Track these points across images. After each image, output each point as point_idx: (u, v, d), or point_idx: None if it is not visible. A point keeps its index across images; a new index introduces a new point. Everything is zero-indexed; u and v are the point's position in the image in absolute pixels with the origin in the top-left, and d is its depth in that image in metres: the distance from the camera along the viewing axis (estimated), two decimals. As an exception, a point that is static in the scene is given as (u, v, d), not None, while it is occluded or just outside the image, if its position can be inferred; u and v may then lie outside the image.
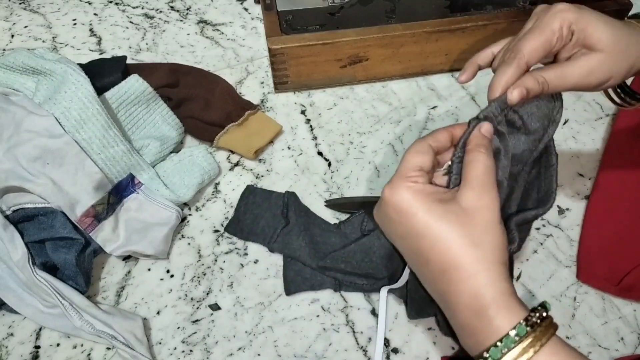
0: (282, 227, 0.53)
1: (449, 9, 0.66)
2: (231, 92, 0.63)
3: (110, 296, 0.51)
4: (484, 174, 0.36)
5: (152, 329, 0.49)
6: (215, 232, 0.55)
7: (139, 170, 0.54)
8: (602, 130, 0.64)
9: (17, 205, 0.49)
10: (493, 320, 0.32)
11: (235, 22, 0.74)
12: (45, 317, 0.48)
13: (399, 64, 0.66)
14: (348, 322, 0.50)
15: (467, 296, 0.33)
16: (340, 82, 0.67)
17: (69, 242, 0.49)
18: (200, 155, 0.57)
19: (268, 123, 0.62)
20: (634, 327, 0.50)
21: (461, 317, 0.34)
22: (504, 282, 0.33)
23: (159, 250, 0.52)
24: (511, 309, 0.32)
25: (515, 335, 0.31)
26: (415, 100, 0.66)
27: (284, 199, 0.56)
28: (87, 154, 0.50)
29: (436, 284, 0.35)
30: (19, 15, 0.74)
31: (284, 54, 0.62)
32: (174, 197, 0.54)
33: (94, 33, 0.72)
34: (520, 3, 0.67)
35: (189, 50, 0.70)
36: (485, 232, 0.34)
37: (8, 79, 0.53)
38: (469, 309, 0.33)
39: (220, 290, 0.52)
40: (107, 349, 0.48)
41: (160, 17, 0.74)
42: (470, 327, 0.33)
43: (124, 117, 0.56)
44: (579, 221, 0.57)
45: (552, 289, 0.52)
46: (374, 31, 0.62)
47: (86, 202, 0.49)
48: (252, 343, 0.49)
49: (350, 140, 0.62)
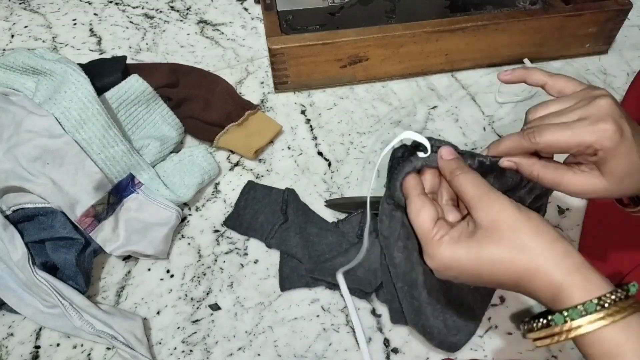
0: (281, 224, 0.53)
1: (449, 9, 0.66)
2: (231, 92, 0.63)
3: (110, 296, 0.51)
4: (475, 189, 0.36)
5: (152, 329, 0.49)
6: (215, 232, 0.55)
7: (139, 170, 0.54)
8: (602, 130, 0.64)
9: (17, 205, 0.49)
10: (569, 301, 0.33)
11: (235, 22, 0.74)
12: (45, 317, 0.48)
13: (399, 64, 0.66)
14: (348, 322, 0.50)
15: (543, 291, 0.34)
16: (340, 82, 0.67)
17: (69, 242, 0.49)
18: (200, 155, 0.57)
19: (268, 123, 0.62)
20: (634, 327, 0.50)
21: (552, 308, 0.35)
22: (565, 259, 0.34)
23: (159, 250, 0.52)
24: (585, 283, 0.33)
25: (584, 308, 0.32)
26: (415, 100, 0.66)
27: (284, 196, 0.56)
28: (87, 154, 0.50)
29: (524, 293, 0.36)
30: (19, 15, 0.74)
31: (284, 54, 0.62)
32: (174, 197, 0.54)
33: (94, 33, 0.72)
34: (520, 3, 0.67)
35: (189, 50, 0.70)
36: (515, 232, 0.35)
37: (8, 79, 0.53)
38: (550, 301, 0.34)
39: (220, 290, 0.52)
40: (107, 349, 0.48)
41: (160, 17, 0.74)
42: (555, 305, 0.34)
43: (124, 117, 0.56)
44: (579, 221, 0.57)
45: (552, 289, 0.52)
46: (374, 31, 0.62)
47: (86, 202, 0.49)
48: (252, 343, 0.49)
49: (350, 140, 0.62)
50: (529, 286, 0.35)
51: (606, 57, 0.71)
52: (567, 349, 0.49)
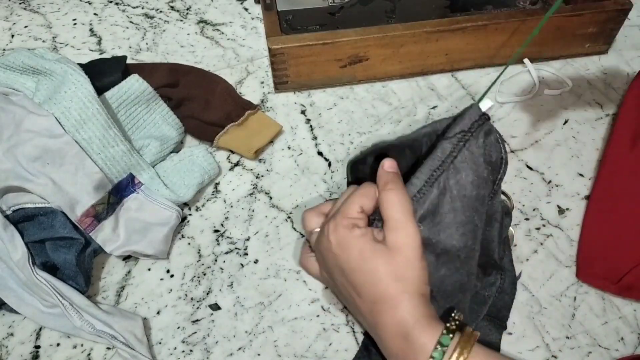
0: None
1: (449, 9, 0.66)
2: (231, 92, 0.63)
3: (110, 296, 0.51)
4: (398, 212, 0.39)
5: (152, 329, 0.49)
6: (215, 232, 0.55)
7: (139, 170, 0.54)
8: (602, 130, 0.64)
9: (17, 205, 0.49)
10: (418, 340, 0.35)
11: (235, 22, 0.74)
12: (45, 317, 0.48)
13: (399, 64, 0.66)
14: (348, 322, 0.50)
15: (395, 324, 0.36)
16: (340, 82, 0.67)
17: (69, 242, 0.49)
18: (200, 155, 0.57)
19: (268, 123, 0.62)
20: (634, 327, 0.50)
21: (391, 345, 0.37)
22: (425, 309, 0.37)
23: (159, 250, 0.52)
24: (432, 326, 0.36)
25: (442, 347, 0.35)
26: (415, 100, 0.66)
27: None
28: (87, 154, 0.50)
29: (368, 316, 0.39)
30: (19, 15, 0.74)
31: (284, 54, 0.62)
32: (174, 197, 0.54)
33: (94, 33, 0.72)
34: (520, 3, 0.67)
35: (189, 50, 0.70)
36: (406, 268, 0.37)
37: (8, 79, 0.53)
38: (397, 336, 0.36)
39: (220, 290, 0.52)
40: (107, 349, 0.48)
41: (160, 17, 0.74)
42: (400, 353, 0.36)
43: (124, 117, 0.56)
44: (579, 221, 0.57)
45: (552, 289, 0.52)
46: (374, 31, 0.62)
47: (86, 202, 0.49)
48: (252, 343, 0.49)
49: (350, 140, 0.62)
50: (384, 315, 0.37)
51: (606, 57, 0.71)
52: (567, 349, 0.49)
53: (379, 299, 0.37)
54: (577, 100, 0.67)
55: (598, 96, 0.67)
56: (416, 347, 0.35)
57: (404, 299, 0.36)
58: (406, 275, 0.37)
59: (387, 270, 0.37)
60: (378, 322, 0.37)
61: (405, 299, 0.36)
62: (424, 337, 0.35)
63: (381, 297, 0.37)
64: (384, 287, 0.37)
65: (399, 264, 0.37)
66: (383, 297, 0.37)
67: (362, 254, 0.38)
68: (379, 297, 0.37)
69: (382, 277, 0.37)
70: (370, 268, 0.37)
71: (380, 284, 0.37)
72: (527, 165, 0.61)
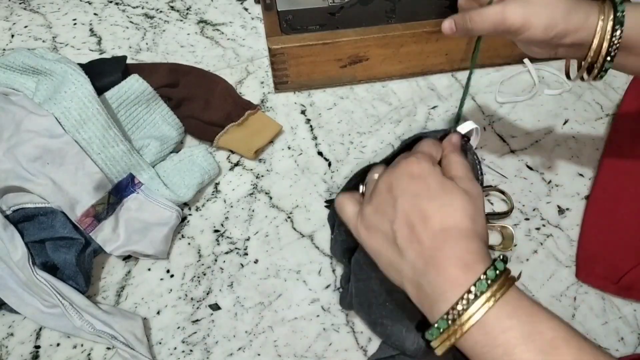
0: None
1: (449, 9, 0.66)
2: (231, 92, 0.63)
3: (110, 296, 0.51)
4: (469, 172, 0.41)
5: (152, 329, 0.49)
6: (215, 232, 0.55)
7: (139, 170, 0.54)
8: (602, 130, 0.64)
9: (17, 205, 0.49)
10: (479, 272, 0.35)
11: (235, 22, 0.74)
12: (45, 317, 0.48)
13: (399, 64, 0.66)
14: (348, 322, 0.50)
15: (461, 253, 0.36)
16: (340, 82, 0.67)
17: (69, 242, 0.49)
18: (200, 155, 0.57)
19: (268, 123, 0.62)
20: (634, 327, 0.50)
21: (447, 272, 0.36)
22: (487, 254, 0.37)
23: (159, 250, 0.52)
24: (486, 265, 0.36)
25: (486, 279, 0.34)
26: (415, 100, 0.66)
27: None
28: (87, 154, 0.50)
29: (428, 242, 0.37)
30: (19, 15, 0.74)
31: (284, 54, 0.62)
32: (174, 197, 0.54)
33: (94, 33, 0.72)
34: (520, 3, 0.67)
35: (189, 50, 0.70)
36: (479, 215, 0.38)
37: (8, 79, 0.53)
38: (458, 265, 0.36)
39: (220, 290, 0.52)
40: (107, 349, 0.48)
41: (160, 17, 0.74)
42: (449, 280, 0.36)
43: (124, 117, 0.56)
44: (578, 221, 0.57)
45: (552, 289, 0.52)
46: (374, 31, 0.62)
47: (86, 202, 0.49)
48: (252, 343, 0.49)
49: (350, 140, 0.62)
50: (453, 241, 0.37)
51: (606, 57, 0.71)
52: (567, 349, 0.49)
53: (451, 228, 0.37)
54: (577, 100, 0.67)
55: (598, 96, 0.67)
56: (473, 279, 0.35)
57: (476, 236, 0.37)
58: (478, 221, 0.38)
59: (465, 207, 0.38)
60: (442, 248, 0.37)
61: (478, 237, 0.37)
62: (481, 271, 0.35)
63: (454, 226, 0.37)
64: (459, 218, 0.37)
65: (475, 208, 0.38)
66: (457, 226, 0.37)
67: (444, 186, 0.38)
68: (452, 226, 0.37)
69: (460, 211, 0.37)
70: (451, 199, 0.38)
71: (456, 215, 0.37)
72: (527, 165, 0.61)
